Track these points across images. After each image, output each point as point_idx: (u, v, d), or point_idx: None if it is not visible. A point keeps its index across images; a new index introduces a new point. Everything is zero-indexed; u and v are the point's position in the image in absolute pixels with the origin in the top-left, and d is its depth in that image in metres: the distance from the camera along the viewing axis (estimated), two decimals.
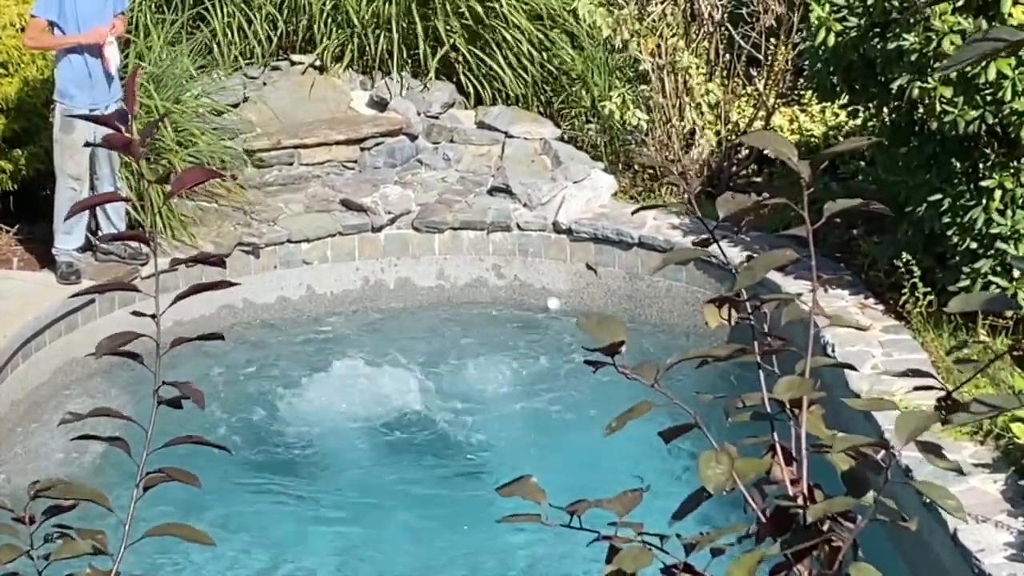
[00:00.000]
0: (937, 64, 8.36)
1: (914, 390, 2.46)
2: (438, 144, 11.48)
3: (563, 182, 10.89)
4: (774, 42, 10.96)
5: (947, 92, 8.41)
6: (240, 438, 9.30)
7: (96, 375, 9.88)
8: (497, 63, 11.57)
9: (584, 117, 11.43)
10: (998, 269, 8.65)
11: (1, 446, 9.18)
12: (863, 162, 10.00)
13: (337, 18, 11.73)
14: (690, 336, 10.18)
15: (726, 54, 11.15)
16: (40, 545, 2.48)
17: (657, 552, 2.35)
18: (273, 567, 8.30)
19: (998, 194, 8.57)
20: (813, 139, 10.97)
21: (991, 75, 8.26)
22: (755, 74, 11.22)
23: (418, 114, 11.51)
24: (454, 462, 9.25)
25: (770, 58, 11.00)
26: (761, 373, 2.43)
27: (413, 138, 11.48)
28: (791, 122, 11.22)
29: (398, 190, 11.12)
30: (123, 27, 9.98)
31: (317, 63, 11.76)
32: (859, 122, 9.99)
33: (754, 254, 2.44)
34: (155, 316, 2.51)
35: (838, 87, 9.30)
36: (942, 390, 2.28)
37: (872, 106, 9.47)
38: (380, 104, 11.64)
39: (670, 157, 10.94)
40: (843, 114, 10.44)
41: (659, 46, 10.86)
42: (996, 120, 8.40)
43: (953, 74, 8.39)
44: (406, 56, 11.69)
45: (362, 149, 11.41)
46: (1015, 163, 8.62)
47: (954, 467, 2.30)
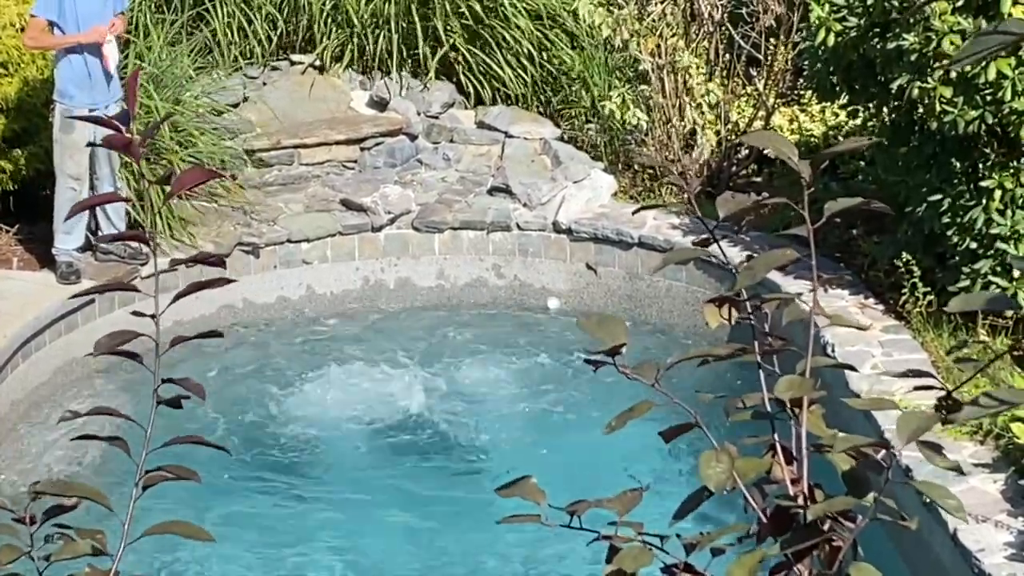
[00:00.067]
0: (937, 64, 8.36)
1: (914, 390, 2.46)
2: (438, 144, 11.47)
3: (563, 182, 10.89)
4: (774, 42, 10.96)
5: (947, 92, 8.41)
6: (239, 438, 9.30)
7: (96, 375, 9.89)
8: (497, 63, 11.56)
9: (584, 117, 11.43)
10: (998, 269, 8.64)
11: (1, 446, 9.18)
12: (863, 162, 10.00)
13: (337, 18, 11.72)
14: (690, 336, 10.18)
15: (726, 54, 11.15)
16: (40, 546, 2.48)
17: (657, 552, 2.35)
18: (273, 567, 8.29)
19: (998, 194, 8.57)
20: (813, 139, 10.96)
21: (991, 75, 8.25)
22: (755, 74, 11.21)
23: (418, 114, 11.51)
24: (454, 462, 9.25)
25: (770, 58, 10.99)
26: (761, 373, 2.42)
27: (413, 138, 11.47)
28: (791, 122, 11.21)
29: (398, 190, 11.12)
30: (123, 27, 9.98)
31: (317, 63, 11.76)
32: (859, 122, 9.98)
33: (754, 254, 2.44)
34: (155, 316, 2.51)
35: (838, 87, 9.29)
36: (942, 390, 2.28)
37: (872, 106, 9.47)
38: (380, 104, 11.63)
39: (670, 157, 10.93)
40: (843, 114, 10.44)
41: (659, 46, 10.86)
42: (996, 120, 8.39)
43: (953, 74, 8.38)
44: (406, 56, 11.69)
45: (362, 149, 11.41)
46: (1015, 163, 8.62)
47: (954, 467, 2.30)
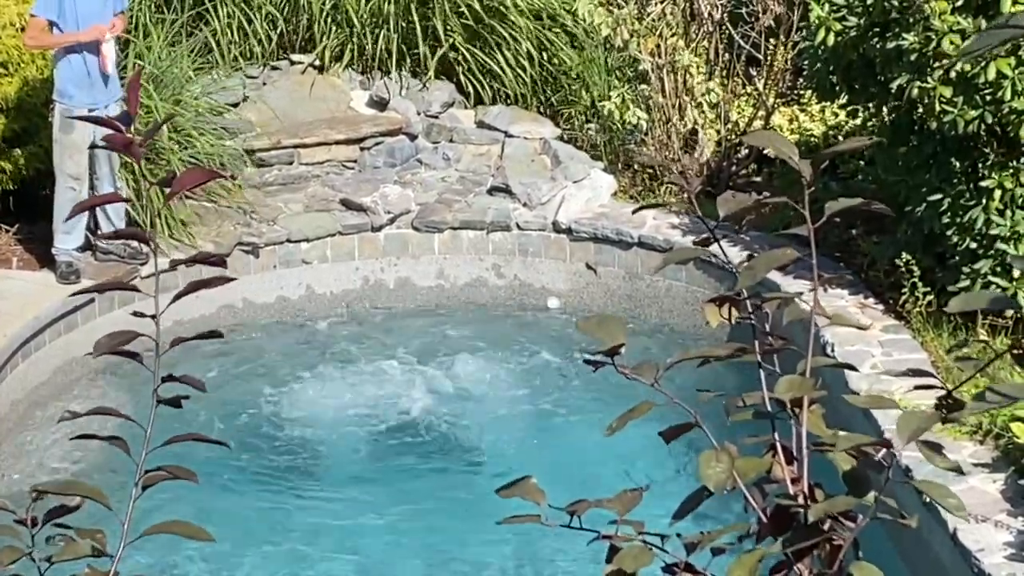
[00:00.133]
0: (937, 64, 8.36)
1: (914, 389, 2.46)
2: (438, 144, 11.47)
3: (563, 182, 10.88)
4: (774, 42, 10.95)
5: (947, 92, 8.40)
6: (239, 438, 9.29)
7: (96, 375, 9.88)
8: (497, 62, 11.56)
9: (584, 117, 11.42)
10: (998, 269, 8.64)
11: (1, 446, 9.18)
12: (863, 162, 10.00)
13: (337, 17, 11.72)
14: (690, 336, 10.17)
15: (726, 54, 11.14)
16: (41, 548, 2.48)
17: (658, 551, 2.35)
18: (273, 567, 8.29)
19: (998, 194, 8.56)
20: (813, 139, 10.96)
21: (991, 75, 8.25)
22: (755, 74, 11.21)
23: (418, 114, 11.50)
24: (454, 462, 9.24)
25: (770, 58, 10.99)
26: (762, 372, 2.42)
27: (413, 138, 11.47)
28: (791, 122, 11.21)
29: (398, 190, 11.11)
30: (123, 26, 9.98)
31: (317, 63, 11.75)
32: (859, 122, 9.98)
33: (754, 254, 2.44)
34: (155, 316, 2.51)
35: (838, 87, 9.29)
36: (942, 389, 2.28)
37: (872, 106, 9.47)
38: (380, 104, 11.63)
39: (670, 157, 10.93)
40: (843, 114, 10.44)
41: (659, 46, 10.86)
42: (996, 120, 8.39)
43: (952, 73, 8.39)
44: (406, 55, 11.68)
45: (362, 149, 11.41)
46: (1015, 163, 8.62)
47: (954, 467, 2.30)
